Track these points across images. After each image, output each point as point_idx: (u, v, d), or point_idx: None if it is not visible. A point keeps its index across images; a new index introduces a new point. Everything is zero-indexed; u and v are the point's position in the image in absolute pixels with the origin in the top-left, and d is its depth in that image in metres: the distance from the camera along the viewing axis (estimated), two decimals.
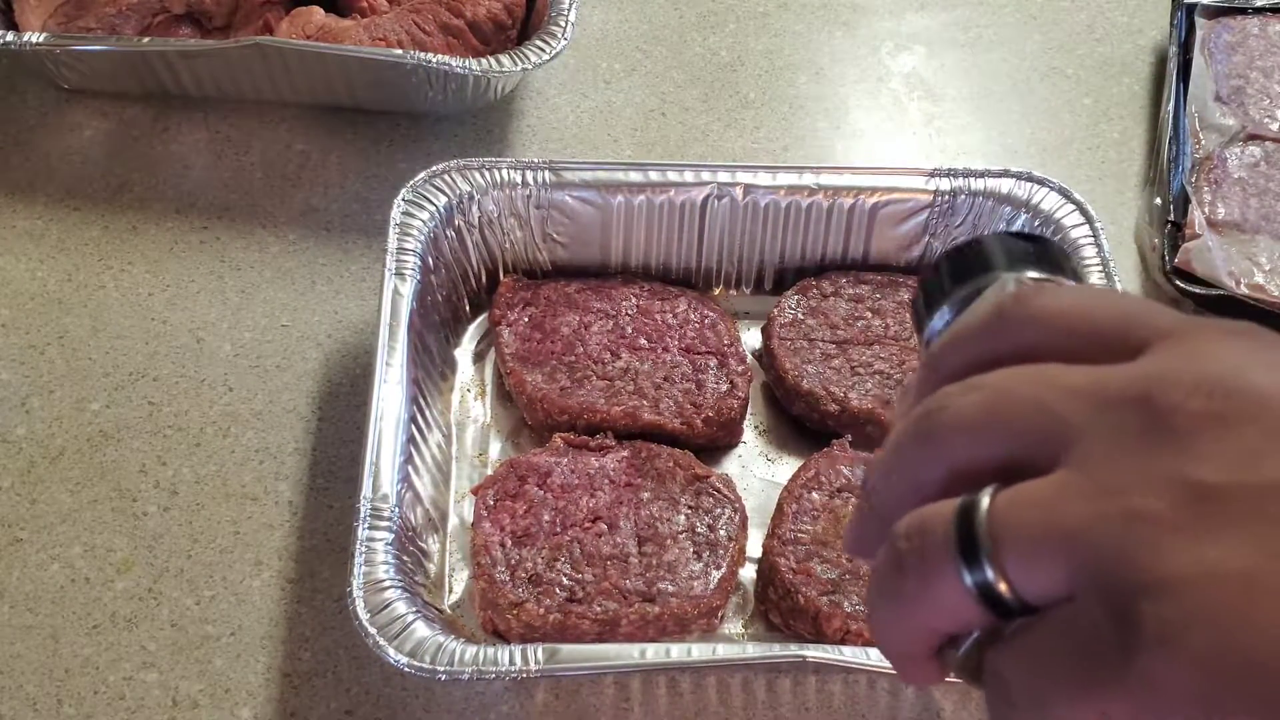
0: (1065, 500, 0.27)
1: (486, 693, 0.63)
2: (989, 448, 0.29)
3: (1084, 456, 0.27)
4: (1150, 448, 0.26)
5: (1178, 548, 0.25)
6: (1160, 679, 0.25)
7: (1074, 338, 0.29)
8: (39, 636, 0.64)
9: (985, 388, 0.29)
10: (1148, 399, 0.27)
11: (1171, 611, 0.25)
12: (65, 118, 0.89)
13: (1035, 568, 0.27)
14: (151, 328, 0.77)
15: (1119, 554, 0.26)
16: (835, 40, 1.00)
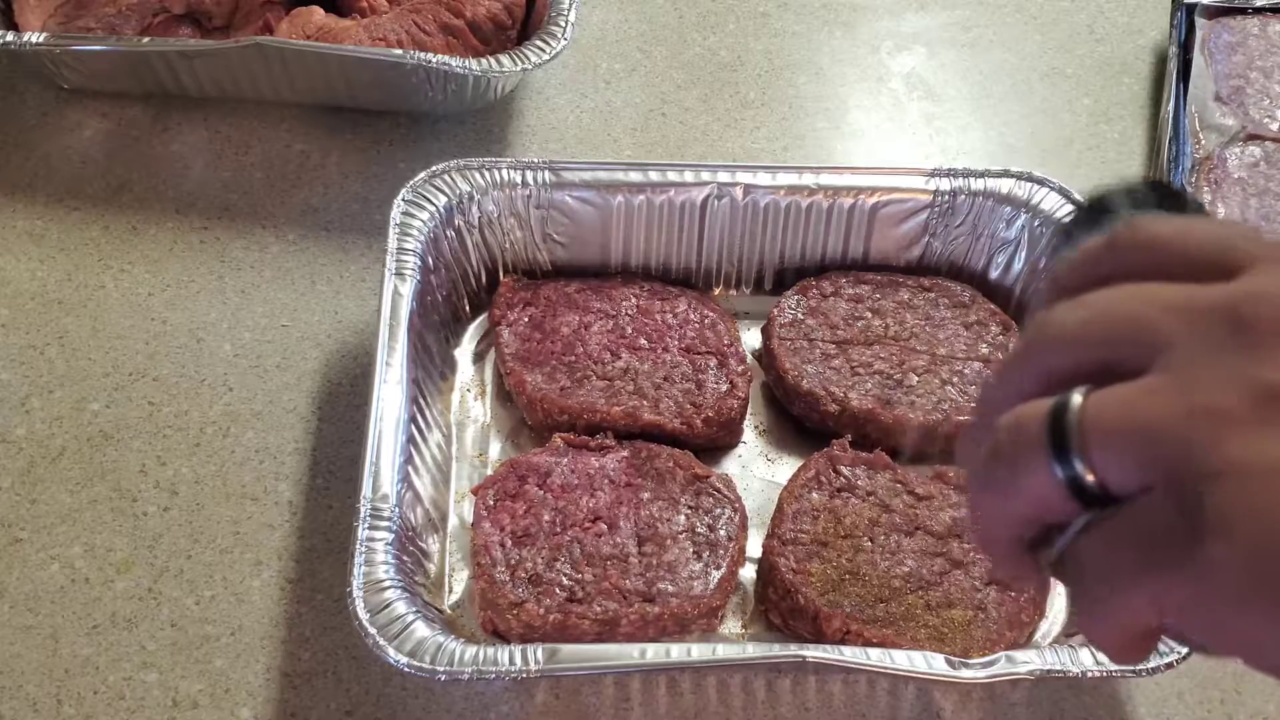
0: (1148, 399, 0.29)
1: (486, 693, 0.63)
2: (1086, 354, 0.31)
3: (1171, 362, 0.29)
4: (1231, 353, 0.28)
5: (1243, 440, 0.27)
6: (1215, 566, 0.27)
7: (1177, 260, 0.31)
8: (39, 636, 0.64)
9: (1089, 303, 0.32)
10: (1235, 311, 0.29)
11: (1230, 500, 0.27)
12: (65, 118, 0.89)
13: (1117, 459, 0.29)
14: (151, 328, 0.77)
15: (1190, 445, 0.28)
16: (835, 40, 1.00)
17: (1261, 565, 0.26)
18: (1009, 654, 0.58)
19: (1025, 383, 0.32)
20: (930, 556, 0.65)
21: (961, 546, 0.65)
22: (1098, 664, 0.58)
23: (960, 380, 0.72)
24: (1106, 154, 0.92)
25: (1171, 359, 0.29)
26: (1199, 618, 0.29)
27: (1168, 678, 0.65)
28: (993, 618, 0.63)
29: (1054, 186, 0.76)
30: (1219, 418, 0.28)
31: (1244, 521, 0.26)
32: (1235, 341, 0.29)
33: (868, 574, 0.64)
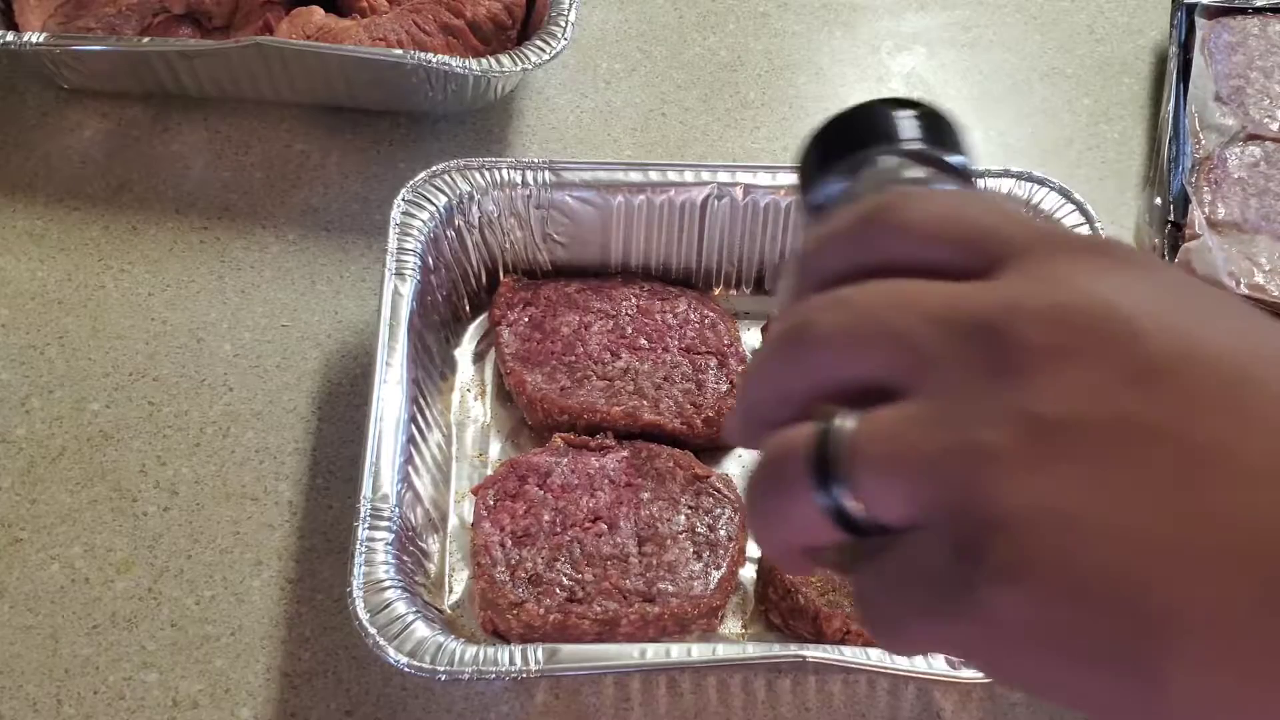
0: (915, 430, 0.27)
1: (486, 693, 0.63)
2: (849, 368, 0.29)
3: (937, 385, 0.27)
4: (996, 379, 0.26)
5: (1019, 485, 0.25)
6: (999, 612, 0.26)
7: (937, 249, 0.29)
8: (39, 636, 0.64)
9: (848, 307, 0.29)
10: (995, 329, 0.27)
11: (1011, 550, 0.25)
12: (65, 118, 0.89)
13: (885, 494, 0.28)
14: (151, 328, 0.77)
15: (962, 488, 0.26)
16: (835, 40, 1.00)
17: (1046, 614, 0.25)
18: None
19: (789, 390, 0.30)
20: None
21: None
22: None
23: None
24: (1106, 154, 0.92)
25: (936, 382, 0.27)
26: (983, 659, 0.27)
27: None
28: None
29: (1054, 186, 0.76)
30: (990, 458, 0.26)
31: (1025, 570, 0.25)
32: (1000, 365, 0.26)
33: None
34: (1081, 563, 0.25)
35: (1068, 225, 0.74)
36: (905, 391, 0.28)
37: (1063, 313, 0.27)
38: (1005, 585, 0.25)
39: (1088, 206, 0.75)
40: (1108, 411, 0.25)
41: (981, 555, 0.26)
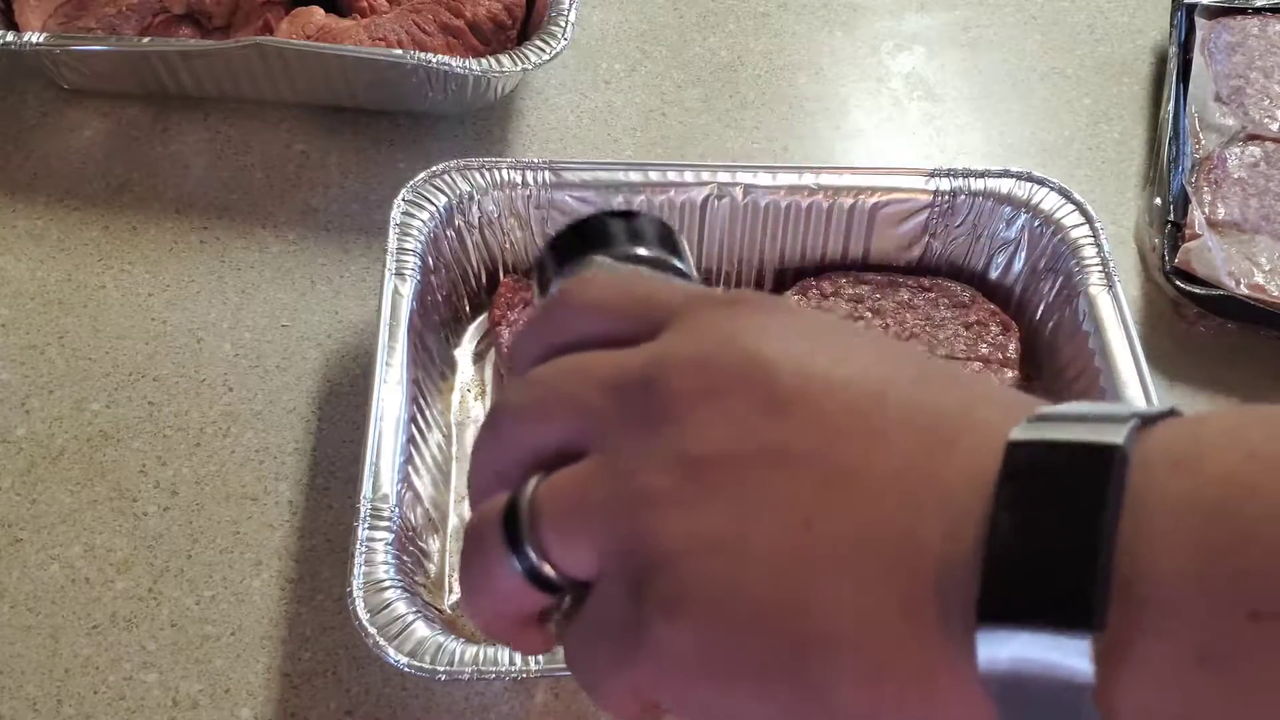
0: (588, 484, 0.29)
1: (486, 693, 0.63)
2: (538, 437, 0.31)
3: (606, 444, 0.29)
4: (654, 427, 0.28)
5: (675, 522, 0.27)
6: (667, 648, 0.27)
7: (608, 324, 0.32)
8: (39, 636, 0.64)
9: (531, 383, 0.32)
10: (649, 382, 0.29)
11: (671, 584, 0.27)
12: (65, 118, 0.89)
13: (567, 549, 0.29)
14: (151, 328, 0.77)
15: (630, 532, 0.27)
16: (835, 40, 1.00)
17: (709, 642, 0.26)
18: None
19: (498, 468, 0.32)
20: None
21: None
22: None
23: None
24: (1106, 154, 0.92)
25: (606, 440, 0.29)
26: (666, 696, 0.28)
27: None
28: None
29: (1054, 186, 0.76)
30: (649, 499, 0.27)
31: (686, 604, 0.27)
32: (653, 414, 0.28)
33: None
34: (734, 588, 0.26)
35: (1068, 225, 0.74)
36: (585, 452, 0.29)
37: (704, 359, 0.28)
38: (668, 619, 0.27)
39: (1088, 207, 0.75)
40: (749, 444, 0.27)
41: (647, 593, 0.27)
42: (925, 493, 0.26)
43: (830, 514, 0.26)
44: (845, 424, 0.27)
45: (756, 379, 0.28)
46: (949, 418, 0.27)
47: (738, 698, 0.27)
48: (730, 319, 0.29)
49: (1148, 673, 0.24)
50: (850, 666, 0.26)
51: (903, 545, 0.26)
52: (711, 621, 0.26)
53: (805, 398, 0.27)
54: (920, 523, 0.26)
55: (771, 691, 0.26)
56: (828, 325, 0.30)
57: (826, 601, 0.26)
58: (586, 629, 0.29)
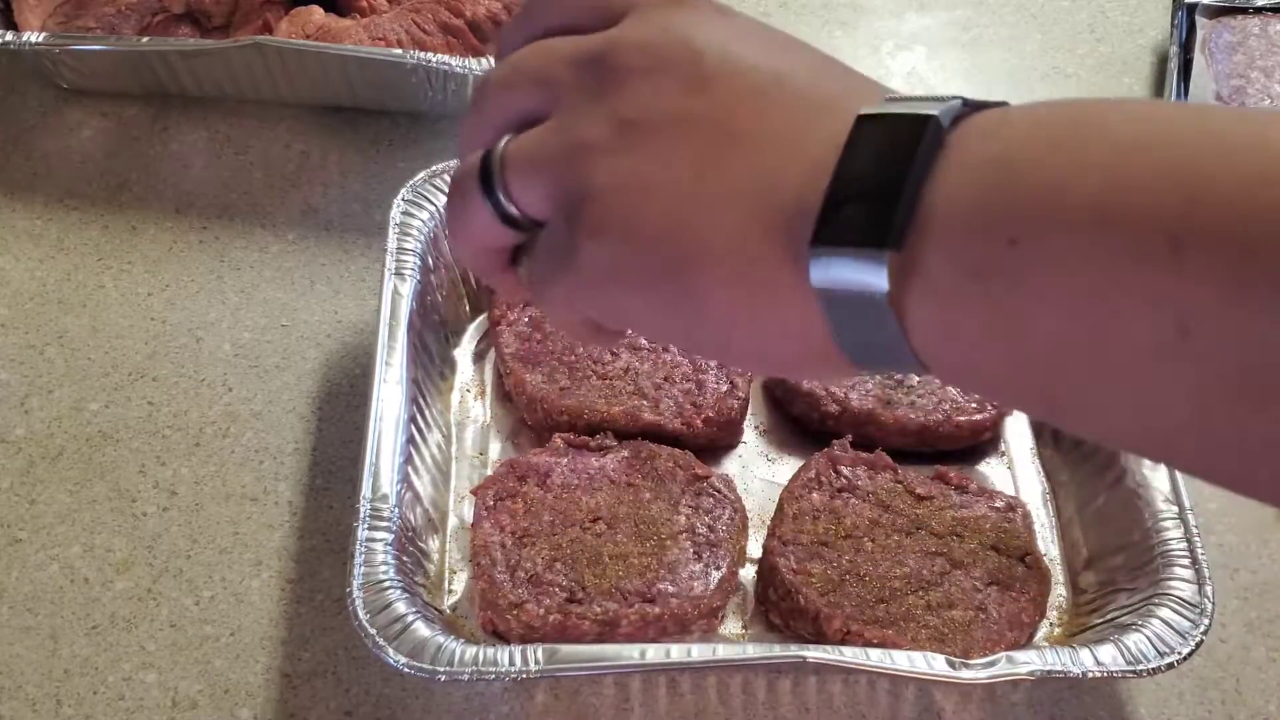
0: (544, 138, 0.36)
1: (486, 693, 0.63)
2: (510, 107, 0.38)
3: (563, 106, 0.36)
4: (601, 94, 0.35)
5: (606, 165, 0.34)
6: (588, 261, 0.35)
7: (577, 14, 0.38)
8: (38, 637, 0.64)
9: (507, 63, 0.39)
10: (603, 57, 0.36)
11: (595, 211, 0.34)
12: (64, 117, 0.89)
13: (526, 189, 0.37)
14: (151, 328, 0.77)
15: (570, 174, 0.35)
16: (835, 40, 1.00)
17: (617, 256, 0.34)
18: (1009, 654, 0.58)
19: (478, 132, 0.39)
20: (931, 557, 0.65)
21: (963, 547, 0.65)
22: (1098, 665, 0.57)
23: None
24: None
25: (561, 104, 0.36)
26: (590, 303, 0.37)
27: (1168, 678, 0.65)
28: (993, 618, 0.62)
29: None
30: (588, 149, 0.34)
31: (601, 225, 0.34)
32: (602, 84, 0.35)
33: (868, 574, 0.64)
34: (640, 214, 0.34)
35: None
36: (547, 117, 0.37)
37: (648, 42, 0.35)
38: (590, 239, 0.34)
39: None
40: (671, 109, 0.34)
41: (578, 221, 0.35)
42: (795, 150, 0.33)
43: (720, 164, 0.33)
44: (747, 99, 0.34)
45: (686, 61, 0.35)
46: (828, 99, 0.34)
47: (636, 301, 0.35)
48: (678, 14, 0.36)
49: (929, 284, 0.30)
50: (717, 274, 0.33)
51: (770, 188, 0.33)
52: (621, 240, 0.34)
53: (720, 77, 0.34)
54: (786, 172, 0.33)
55: (660, 296, 0.34)
56: (756, 26, 0.37)
57: (706, 228, 0.33)
58: (538, 252, 0.37)
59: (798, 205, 0.32)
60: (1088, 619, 0.64)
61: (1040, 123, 0.30)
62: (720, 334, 0.34)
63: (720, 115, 0.34)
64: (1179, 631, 0.59)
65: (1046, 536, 0.69)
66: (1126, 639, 0.59)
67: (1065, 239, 0.28)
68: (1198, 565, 0.61)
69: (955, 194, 0.30)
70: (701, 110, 0.34)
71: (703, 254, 0.33)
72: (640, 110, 0.34)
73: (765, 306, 0.33)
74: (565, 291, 0.37)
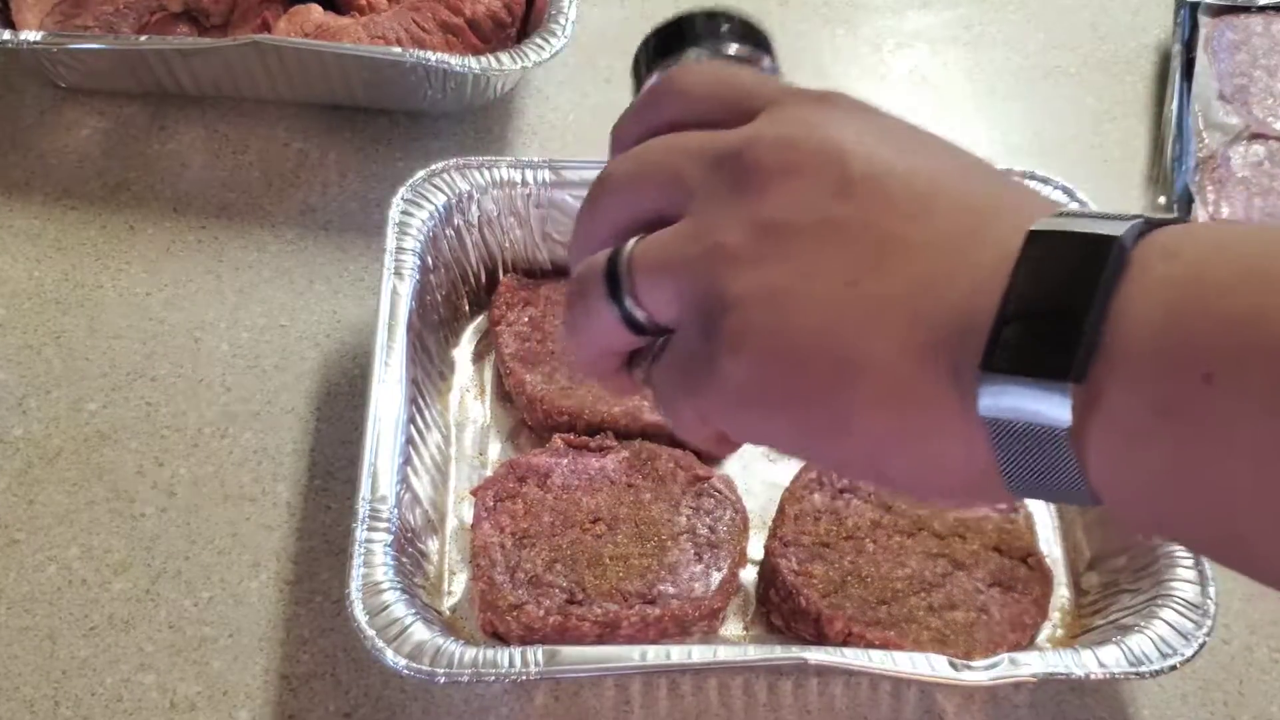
0: (677, 240, 0.34)
1: (486, 695, 0.62)
2: (635, 205, 0.36)
3: (694, 207, 0.34)
4: (739, 195, 0.33)
5: (747, 275, 0.32)
6: (728, 378, 0.33)
7: (706, 107, 0.36)
8: (36, 638, 0.63)
9: (633, 155, 0.37)
10: (739, 156, 0.34)
11: (736, 324, 0.32)
12: (62, 116, 0.88)
13: (655, 295, 0.35)
14: (149, 328, 0.77)
15: (707, 280, 0.33)
16: (837, 38, 1.00)
17: (762, 372, 0.32)
18: (1011, 656, 0.57)
19: (596, 234, 0.38)
20: (933, 558, 0.64)
21: (965, 548, 0.65)
22: (1101, 666, 0.57)
23: None
24: (1109, 152, 0.92)
25: (695, 204, 0.34)
26: (728, 422, 0.34)
27: (1171, 680, 0.65)
28: (995, 620, 0.62)
29: (1057, 185, 0.75)
30: (727, 256, 0.33)
31: (749, 339, 0.32)
32: (740, 184, 0.33)
33: (870, 576, 0.63)
34: (786, 331, 0.32)
35: None
36: (677, 217, 0.35)
37: (790, 141, 0.34)
38: (731, 353, 0.32)
39: (1091, 206, 0.74)
40: (818, 214, 0.32)
41: (716, 334, 0.33)
42: (956, 264, 0.31)
43: (874, 275, 0.31)
44: (900, 204, 0.32)
45: (832, 162, 0.33)
46: (987, 207, 0.32)
47: (780, 421, 0.33)
48: (818, 111, 0.35)
49: (1112, 420, 0.28)
50: (869, 395, 0.31)
51: (930, 304, 0.31)
52: (764, 357, 0.32)
53: (870, 181, 0.32)
54: (948, 287, 0.31)
55: (806, 417, 0.32)
56: (900, 125, 0.35)
57: (857, 344, 0.31)
58: (667, 362, 0.35)
59: (962, 323, 0.30)
60: (1090, 620, 0.64)
61: (1225, 246, 0.28)
62: (870, 459, 0.32)
63: (871, 221, 0.32)
64: (1182, 633, 0.58)
65: (1049, 537, 0.69)
66: (1129, 640, 0.58)
67: (1266, 377, 0.26)
68: (1200, 566, 0.61)
69: (1141, 321, 0.28)
70: (849, 216, 0.32)
71: (854, 372, 0.31)
72: (783, 214, 0.32)
73: (921, 432, 0.31)
74: (700, 407, 0.35)
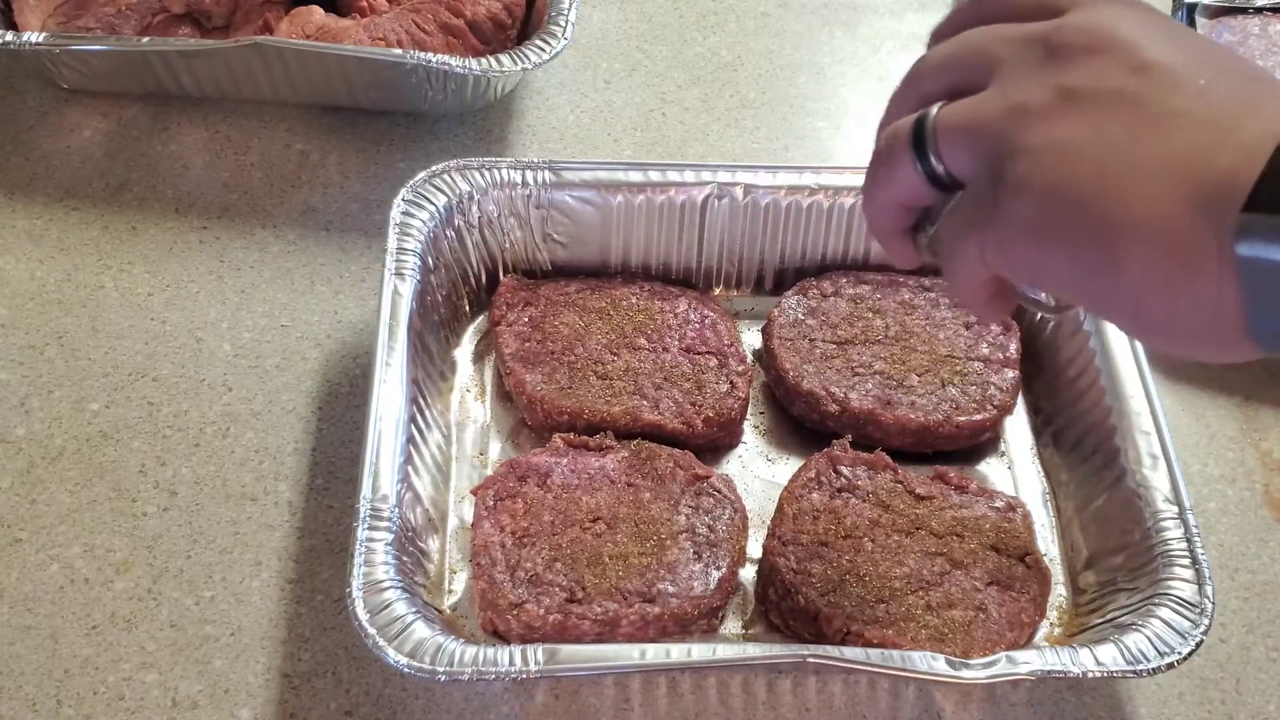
0: (979, 104, 0.40)
1: (486, 693, 0.63)
2: (945, 77, 0.42)
3: (1000, 77, 0.40)
4: (1042, 66, 0.39)
5: (1040, 128, 0.38)
6: (1011, 214, 0.38)
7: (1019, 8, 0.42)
8: (38, 637, 0.64)
9: (951, 41, 0.43)
10: (1048, 37, 0.40)
11: (1025, 167, 0.38)
12: (64, 117, 0.89)
13: (956, 150, 0.40)
14: (151, 328, 0.77)
15: (1002, 132, 0.39)
16: (836, 40, 1.00)
17: (1041, 210, 0.37)
18: (1009, 654, 0.58)
19: (906, 102, 0.43)
20: (931, 557, 0.65)
21: (963, 547, 0.65)
22: (1098, 665, 0.57)
23: (961, 380, 0.72)
24: None
25: (1001, 75, 0.40)
26: (1007, 256, 0.40)
27: (1168, 678, 0.65)
28: (993, 618, 0.62)
29: None
30: (1026, 112, 0.38)
31: (1033, 181, 0.37)
32: (1047, 58, 0.39)
33: (868, 574, 0.64)
34: (1070, 174, 0.37)
35: None
36: (983, 87, 0.40)
37: (1095, 27, 0.40)
38: (1016, 193, 0.38)
39: None
40: (1113, 84, 0.38)
41: (1004, 176, 0.38)
42: (1229, 136, 0.36)
43: (1156, 137, 0.37)
44: (1184, 85, 0.38)
45: (1130, 46, 0.39)
46: (1259, 95, 0.38)
47: (1053, 256, 0.38)
48: (1119, 8, 0.40)
49: None
50: (1140, 237, 0.36)
51: (1202, 164, 0.36)
52: (1048, 197, 0.37)
53: (1160, 63, 0.38)
54: (1220, 153, 0.36)
55: (1079, 253, 0.37)
56: (1187, 30, 0.41)
57: (1133, 193, 0.36)
58: (956, 208, 0.41)
59: (1230, 182, 0.35)
60: (1088, 619, 0.64)
61: None
62: (1132, 296, 0.37)
63: (1158, 95, 0.38)
64: (1179, 631, 0.59)
65: (1046, 536, 0.69)
66: (1126, 639, 0.59)
67: None
68: (1198, 565, 0.61)
69: None
70: (1140, 88, 0.38)
71: (1127, 217, 0.36)
72: (1082, 81, 0.38)
73: (1182, 273, 0.36)
74: (980, 243, 0.40)
